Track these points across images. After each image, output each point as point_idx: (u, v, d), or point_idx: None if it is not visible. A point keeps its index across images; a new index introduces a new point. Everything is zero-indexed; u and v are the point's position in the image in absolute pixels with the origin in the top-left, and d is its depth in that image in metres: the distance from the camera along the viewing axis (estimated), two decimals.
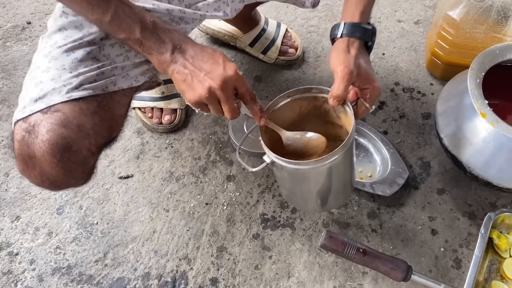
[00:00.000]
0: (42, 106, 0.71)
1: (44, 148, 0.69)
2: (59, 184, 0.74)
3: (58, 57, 0.75)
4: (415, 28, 1.40)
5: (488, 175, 0.96)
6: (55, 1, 0.75)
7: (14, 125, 0.73)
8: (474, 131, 0.96)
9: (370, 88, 0.76)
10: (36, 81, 0.74)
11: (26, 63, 1.36)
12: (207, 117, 1.22)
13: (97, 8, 0.68)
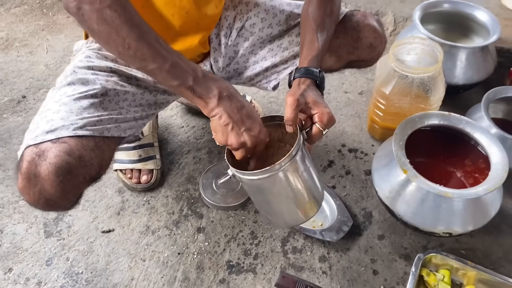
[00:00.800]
0: (52, 137, 0.87)
1: (50, 169, 0.84)
2: (52, 204, 0.88)
3: (67, 103, 0.93)
4: (359, 98, 1.63)
5: (415, 222, 1.13)
6: (48, 76, 0.94)
7: (24, 150, 0.88)
8: (401, 184, 1.15)
9: (319, 112, 0.91)
10: (48, 119, 0.90)
11: (21, 132, 1.52)
12: (181, 176, 1.39)
13: (159, 58, 0.83)
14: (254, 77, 1.24)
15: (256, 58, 1.21)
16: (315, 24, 1.04)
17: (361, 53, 1.17)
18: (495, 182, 1.07)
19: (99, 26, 0.81)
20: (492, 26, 1.50)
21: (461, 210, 1.10)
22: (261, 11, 1.18)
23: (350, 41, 1.16)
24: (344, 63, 1.22)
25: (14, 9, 2.10)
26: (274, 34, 1.19)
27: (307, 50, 1.02)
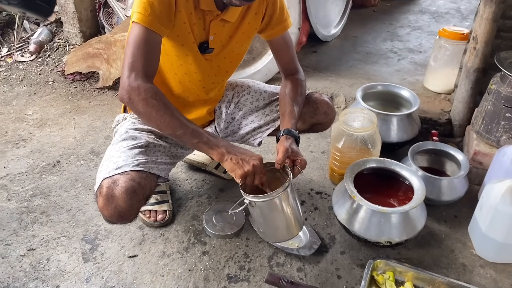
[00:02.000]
0: (120, 171, 1.30)
1: (122, 190, 1.26)
2: (123, 215, 1.28)
3: (125, 151, 1.37)
4: (322, 156, 2.08)
5: (365, 235, 1.52)
6: (76, 146, 1.37)
7: (101, 181, 1.29)
8: (352, 208, 1.56)
9: (299, 159, 1.38)
10: (113, 162, 1.33)
11: (57, 187, 1.88)
12: (187, 215, 1.75)
13: (184, 127, 1.26)
14: (244, 136, 1.69)
15: (247, 121, 1.67)
16: (292, 101, 1.52)
17: (319, 118, 1.65)
18: (416, 201, 1.50)
19: (144, 109, 1.24)
20: (414, 100, 2.02)
21: (396, 224, 1.50)
22: (251, 90, 1.68)
23: (312, 110, 1.64)
24: (308, 126, 1.69)
25: (45, 97, 2.54)
26: (260, 106, 1.67)
27: (289, 118, 1.49)
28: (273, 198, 1.30)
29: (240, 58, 1.58)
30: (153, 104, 1.23)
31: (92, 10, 2.86)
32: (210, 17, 1.38)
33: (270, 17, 1.49)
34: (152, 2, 1.24)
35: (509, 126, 1.75)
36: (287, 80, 1.59)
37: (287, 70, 1.60)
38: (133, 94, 1.22)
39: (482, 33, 1.89)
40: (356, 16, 3.49)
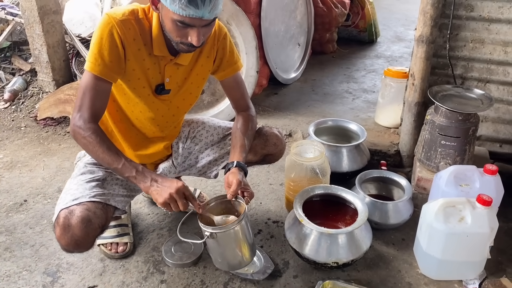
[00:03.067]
0: (76, 202, 1.37)
1: (78, 220, 1.32)
2: (79, 243, 1.33)
3: (82, 184, 1.45)
4: (280, 187, 2.17)
5: (314, 257, 1.58)
6: (44, 186, 1.45)
7: (59, 212, 1.35)
8: (301, 232, 1.63)
9: (249, 191, 1.47)
10: (71, 194, 1.39)
11: (23, 225, 1.90)
12: (148, 247, 1.80)
13: (116, 162, 1.36)
14: (201, 169, 1.78)
15: (203, 155, 1.76)
16: (243, 135, 1.63)
17: (269, 149, 1.75)
18: (359, 222, 1.58)
19: (84, 146, 1.39)
20: (361, 133, 2.15)
21: (342, 245, 1.57)
22: (206, 126, 1.78)
23: (262, 142, 1.74)
24: (260, 157, 1.78)
25: (17, 141, 2.60)
26: (215, 140, 1.77)
27: (240, 151, 1.58)
28: (231, 229, 1.39)
29: (196, 98, 1.69)
30: (90, 142, 1.36)
31: (65, 60, 2.99)
32: (164, 62, 1.49)
33: (221, 60, 1.61)
34: (102, 52, 1.36)
35: (446, 152, 1.88)
36: (239, 115, 1.70)
37: (239, 107, 1.72)
38: (76, 133, 1.38)
39: (418, 70, 2.07)
40: (315, 61, 3.70)
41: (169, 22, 1.32)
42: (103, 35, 1.35)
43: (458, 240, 1.52)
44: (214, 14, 1.30)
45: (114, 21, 1.36)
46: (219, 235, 1.39)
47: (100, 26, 1.37)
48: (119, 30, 1.36)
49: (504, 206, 1.91)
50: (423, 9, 1.96)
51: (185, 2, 1.23)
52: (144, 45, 1.43)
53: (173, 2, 1.25)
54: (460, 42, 2.04)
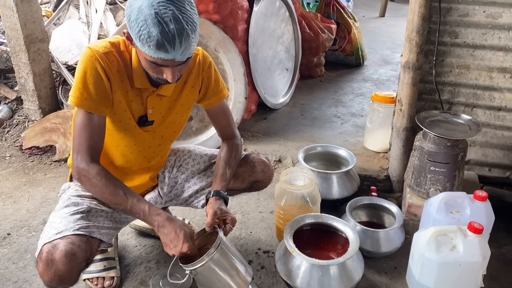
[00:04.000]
0: (60, 236, 1.33)
1: (61, 254, 1.28)
2: (63, 279, 1.28)
3: (66, 217, 1.40)
4: (270, 215, 2.14)
5: None
6: (29, 218, 1.40)
7: (42, 247, 1.31)
8: (292, 264, 1.60)
9: (229, 217, 1.44)
10: (55, 227, 1.36)
11: (5, 259, 1.84)
12: (135, 280, 1.74)
13: (124, 203, 1.36)
14: (188, 198, 1.74)
15: (189, 184, 1.73)
16: (225, 164, 1.60)
17: (257, 176, 1.73)
18: (351, 253, 1.56)
19: (90, 188, 1.40)
20: (350, 159, 2.15)
21: (334, 276, 1.54)
22: (192, 154, 1.76)
23: (249, 169, 1.72)
24: (248, 184, 1.75)
25: (1, 172, 2.54)
26: (201, 168, 1.74)
27: (220, 180, 1.56)
28: (208, 261, 1.34)
29: (181, 127, 1.67)
30: (95, 184, 1.36)
31: (52, 88, 2.96)
32: (146, 93, 1.48)
33: (206, 89, 1.60)
34: (87, 86, 1.34)
35: (435, 178, 1.87)
36: (223, 143, 1.68)
37: (224, 135, 1.71)
38: (81, 175, 1.37)
39: (405, 96, 2.08)
40: (304, 85, 3.72)
41: (143, 60, 1.32)
42: (87, 69, 1.34)
43: (451, 270, 1.50)
44: (187, 55, 1.28)
45: (97, 54, 1.34)
46: (199, 270, 1.35)
47: (83, 60, 1.35)
48: (102, 63, 1.35)
49: (495, 231, 1.89)
50: (408, 36, 1.98)
51: (153, 48, 1.21)
52: (127, 77, 1.42)
53: (142, 45, 1.23)
54: (446, 68, 2.07)
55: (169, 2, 1.20)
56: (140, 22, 1.20)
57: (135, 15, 1.21)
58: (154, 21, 1.18)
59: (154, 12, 1.18)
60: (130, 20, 1.23)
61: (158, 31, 1.19)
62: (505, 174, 2.18)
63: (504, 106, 2.05)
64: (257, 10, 2.81)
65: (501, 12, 1.89)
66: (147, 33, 1.19)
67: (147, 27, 1.19)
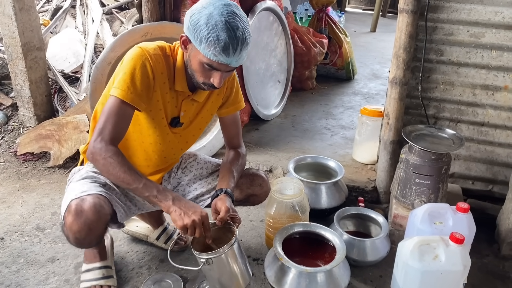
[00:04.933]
0: (86, 193, 1.42)
1: (90, 205, 1.38)
2: (91, 227, 1.38)
3: (86, 184, 1.50)
4: (260, 224, 2.18)
5: None
6: (22, 223, 1.44)
7: (70, 202, 1.40)
8: (280, 271, 1.64)
9: (237, 217, 1.51)
10: (80, 189, 1.44)
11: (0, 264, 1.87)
12: (127, 285, 1.77)
13: (136, 182, 1.40)
14: None
15: (190, 189, 1.79)
16: (232, 166, 1.69)
17: (255, 189, 1.78)
18: (337, 260, 1.61)
19: (103, 167, 1.43)
20: (339, 170, 2.20)
21: (321, 283, 1.59)
22: (197, 159, 1.85)
23: (248, 181, 1.77)
24: (244, 196, 1.79)
25: None
26: (204, 174, 1.81)
27: (228, 179, 1.63)
28: (225, 252, 1.42)
29: (201, 132, 1.78)
30: (110, 162, 1.41)
31: (48, 95, 2.99)
32: (182, 97, 1.59)
33: (227, 98, 1.71)
34: (134, 82, 1.44)
35: (420, 190, 1.93)
36: (230, 151, 1.77)
37: (231, 144, 1.79)
38: (96, 154, 1.42)
39: (392, 110, 2.15)
40: (296, 98, 3.79)
41: (196, 63, 1.42)
42: (137, 66, 1.44)
43: (433, 278, 1.55)
44: (240, 63, 1.42)
45: (148, 54, 1.46)
46: (214, 260, 1.41)
47: (133, 57, 1.45)
48: (151, 62, 1.46)
49: (477, 242, 1.96)
50: (396, 53, 2.06)
51: (219, 50, 1.34)
52: (168, 80, 1.53)
53: (207, 47, 1.35)
54: (432, 84, 2.14)
55: (236, 14, 1.37)
56: (211, 26, 1.33)
57: (204, 19, 1.34)
58: (224, 26, 1.33)
59: (225, 20, 1.34)
60: (198, 24, 1.35)
61: (226, 36, 1.33)
62: (487, 187, 2.25)
63: (487, 121, 2.13)
64: (251, 24, 2.88)
65: (484, 32, 1.97)
66: (216, 36, 1.33)
67: (217, 31, 1.33)
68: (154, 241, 1.98)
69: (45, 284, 1.77)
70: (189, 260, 1.91)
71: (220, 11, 1.35)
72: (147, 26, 2.50)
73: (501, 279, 1.88)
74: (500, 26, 1.94)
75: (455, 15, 1.99)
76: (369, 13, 8.58)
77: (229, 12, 1.36)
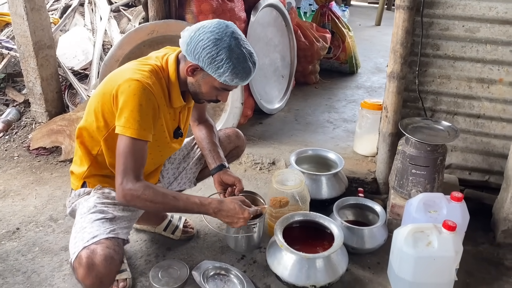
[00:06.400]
0: (95, 240, 1.42)
1: (101, 258, 1.38)
2: (103, 281, 1.39)
3: (95, 222, 1.50)
4: None
5: (293, 281, 1.67)
6: (36, 214, 1.52)
7: (79, 252, 1.40)
8: (282, 257, 1.72)
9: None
10: (88, 232, 1.46)
11: (15, 252, 1.96)
12: (135, 273, 1.86)
13: (176, 207, 1.53)
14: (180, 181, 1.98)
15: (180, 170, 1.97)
16: (216, 141, 1.87)
17: (235, 142, 2.03)
18: (335, 247, 1.68)
19: (141, 205, 1.51)
20: (339, 162, 2.27)
21: (319, 268, 1.67)
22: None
23: (227, 139, 2.01)
24: (228, 152, 1.99)
25: (10, 171, 2.67)
26: (184, 154, 1.98)
27: (219, 154, 1.83)
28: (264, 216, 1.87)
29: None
30: (146, 198, 1.47)
31: (58, 92, 3.09)
32: (178, 109, 1.67)
33: None
34: (144, 118, 1.46)
35: (416, 180, 2.00)
36: (201, 125, 1.91)
37: (201, 118, 1.93)
38: (128, 197, 1.47)
39: (390, 103, 2.21)
40: (299, 92, 3.85)
41: (208, 87, 1.53)
42: (142, 101, 1.45)
43: (426, 263, 1.63)
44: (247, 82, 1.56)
45: (148, 86, 1.47)
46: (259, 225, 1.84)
47: (135, 92, 1.45)
48: (154, 94, 1.49)
49: (472, 230, 2.03)
50: (393, 48, 2.11)
51: (244, 77, 1.49)
52: (165, 100, 1.58)
53: (231, 76, 1.46)
54: (429, 78, 2.20)
55: (244, 38, 1.50)
56: (234, 59, 1.44)
57: (226, 53, 1.43)
58: (245, 56, 1.46)
59: (244, 50, 1.46)
60: (218, 58, 1.43)
61: (250, 65, 1.48)
62: (484, 178, 2.30)
63: (483, 114, 2.18)
64: (254, 20, 2.95)
65: (479, 27, 2.02)
66: (243, 68, 1.46)
67: (241, 62, 1.45)
68: (161, 232, 2.06)
69: (59, 271, 1.86)
70: (195, 248, 2.00)
71: (237, 43, 1.44)
72: (153, 24, 2.58)
73: (495, 265, 1.94)
74: (494, 21, 1.99)
75: (451, 10, 2.03)
76: (374, 7, 8.58)
77: (242, 39, 1.47)
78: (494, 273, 1.89)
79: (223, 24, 1.46)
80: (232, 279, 1.81)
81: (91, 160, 1.65)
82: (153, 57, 1.59)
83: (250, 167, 2.69)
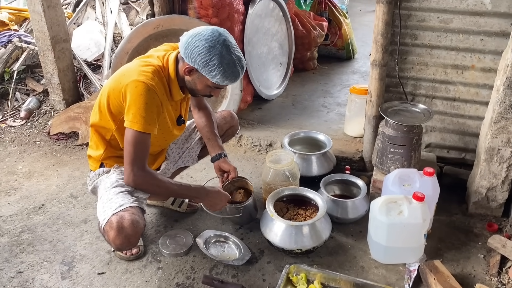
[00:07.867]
0: (122, 208, 1.66)
1: (128, 222, 1.62)
2: (131, 241, 1.65)
3: (119, 194, 1.74)
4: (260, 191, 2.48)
5: (283, 245, 1.90)
6: (58, 192, 1.85)
7: (110, 218, 1.64)
8: (273, 225, 1.95)
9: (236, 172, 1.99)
10: (115, 202, 1.69)
11: (42, 225, 2.21)
12: (146, 241, 2.10)
13: (173, 193, 1.97)
14: (184, 158, 2.22)
15: (183, 149, 2.20)
16: (215, 130, 2.09)
17: (230, 122, 2.26)
18: (319, 216, 1.91)
19: (147, 189, 1.81)
20: (328, 142, 2.48)
21: (305, 234, 1.89)
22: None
23: (223, 120, 2.25)
24: (224, 132, 2.23)
25: (33, 154, 2.92)
26: (187, 135, 2.20)
27: (218, 142, 2.06)
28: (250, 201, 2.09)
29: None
30: (153, 183, 1.77)
31: (74, 82, 3.32)
32: (179, 101, 1.90)
33: None
34: (150, 115, 1.68)
35: (395, 158, 2.20)
36: (200, 112, 2.11)
37: (201, 105, 2.13)
38: (139, 180, 1.73)
39: (374, 89, 2.39)
40: (297, 78, 4.03)
41: (203, 85, 1.75)
42: (147, 100, 1.67)
43: (398, 230, 1.84)
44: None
45: (152, 86, 1.68)
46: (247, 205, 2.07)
47: (141, 93, 1.66)
48: (157, 93, 1.71)
49: (448, 202, 2.24)
50: (375, 38, 2.29)
51: (233, 79, 1.70)
52: (166, 95, 1.79)
53: (222, 78, 1.67)
54: (408, 65, 2.37)
55: (235, 44, 1.69)
56: (225, 64, 1.65)
57: (218, 59, 1.64)
58: (235, 62, 1.67)
59: (234, 57, 1.67)
60: (211, 63, 1.64)
61: (238, 69, 1.70)
62: (461, 155, 2.49)
63: (458, 97, 2.36)
64: (251, 12, 3.12)
65: (452, 18, 2.19)
66: (231, 71, 1.67)
67: (231, 67, 1.66)
68: (169, 206, 2.30)
69: (81, 240, 2.12)
70: (199, 220, 2.24)
71: (227, 49, 1.64)
72: (158, 19, 2.78)
73: (465, 233, 2.14)
74: (465, 13, 2.15)
75: (426, 3, 2.20)
76: None
77: (232, 46, 1.67)
78: (464, 239, 2.10)
79: (216, 32, 1.65)
80: (231, 245, 2.05)
81: (105, 144, 1.88)
82: (154, 56, 1.79)
83: (250, 149, 2.91)
